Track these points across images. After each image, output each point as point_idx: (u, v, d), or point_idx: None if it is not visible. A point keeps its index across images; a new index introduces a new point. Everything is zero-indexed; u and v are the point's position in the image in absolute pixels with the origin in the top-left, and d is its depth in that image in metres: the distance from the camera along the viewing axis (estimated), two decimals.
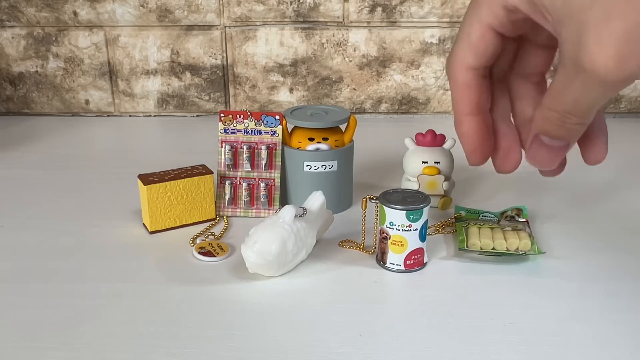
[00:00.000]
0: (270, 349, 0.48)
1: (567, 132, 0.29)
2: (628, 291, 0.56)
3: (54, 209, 0.75)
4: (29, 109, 1.19)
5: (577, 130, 0.29)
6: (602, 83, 0.26)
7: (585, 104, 0.28)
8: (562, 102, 0.28)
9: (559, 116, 0.29)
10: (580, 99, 0.27)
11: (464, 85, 0.32)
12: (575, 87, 0.27)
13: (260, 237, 0.56)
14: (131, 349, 0.48)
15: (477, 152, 0.32)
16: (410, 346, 0.48)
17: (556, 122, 0.29)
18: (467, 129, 0.32)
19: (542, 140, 0.30)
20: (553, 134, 0.30)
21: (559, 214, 0.72)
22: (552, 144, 0.30)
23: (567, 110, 0.28)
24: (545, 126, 0.30)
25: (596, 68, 0.26)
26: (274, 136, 0.72)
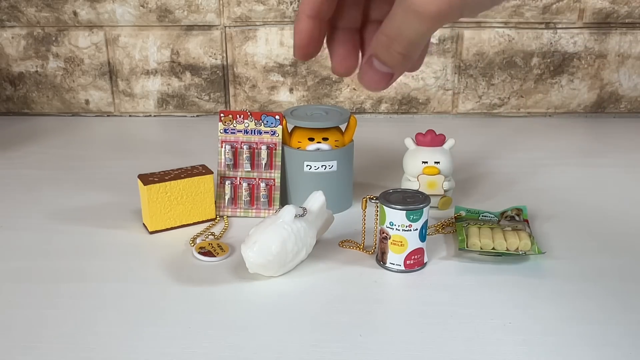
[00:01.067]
0: (270, 349, 0.48)
1: (391, 60, 0.30)
2: (628, 291, 0.56)
3: (54, 209, 0.75)
4: (29, 109, 1.19)
5: (400, 60, 0.30)
6: (419, 14, 0.27)
7: (407, 35, 0.28)
8: (389, 28, 0.29)
9: (386, 41, 0.29)
10: (402, 28, 0.28)
11: None
12: (399, 15, 0.28)
13: (260, 237, 0.56)
14: (131, 349, 0.48)
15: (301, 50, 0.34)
16: (410, 346, 0.48)
17: (384, 47, 0.30)
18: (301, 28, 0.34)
19: (373, 62, 0.31)
20: (380, 58, 0.30)
21: (559, 214, 0.72)
22: (380, 68, 0.31)
23: (393, 37, 0.29)
24: (376, 48, 0.30)
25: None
26: (274, 136, 0.72)
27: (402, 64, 0.30)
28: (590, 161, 0.91)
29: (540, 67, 1.12)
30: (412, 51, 0.29)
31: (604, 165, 0.89)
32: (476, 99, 1.15)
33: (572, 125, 1.11)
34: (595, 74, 1.13)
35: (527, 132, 1.07)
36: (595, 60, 1.12)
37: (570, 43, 1.11)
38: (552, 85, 1.14)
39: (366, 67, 0.32)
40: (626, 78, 1.13)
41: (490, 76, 1.13)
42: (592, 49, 1.11)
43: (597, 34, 1.10)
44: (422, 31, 0.28)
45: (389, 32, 0.29)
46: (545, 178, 0.84)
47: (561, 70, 1.12)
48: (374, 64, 0.31)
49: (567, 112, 1.16)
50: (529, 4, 1.08)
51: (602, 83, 1.13)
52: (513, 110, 1.16)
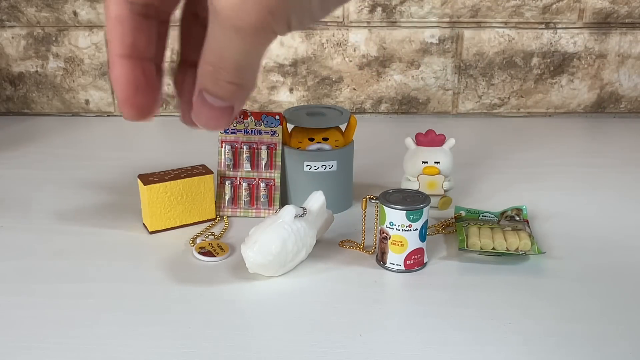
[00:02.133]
0: (270, 349, 0.48)
1: (223, 91, 0.25)
2: (627, 291, 0.56)
3: (53, 209, 0.75)
4: (29, 109, 1.19)
5: (233, 90, 0.25)
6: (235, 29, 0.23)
7: (231, 57, 0.24)
8: (209, 53, 0.24)
9: (212, 70, 0.25)
10: (223, 50, 0.24)
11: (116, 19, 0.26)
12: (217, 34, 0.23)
13: (260, 237, 0.56)
14: (131, 349, 0.48)
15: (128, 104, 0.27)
16: (410, 346, 0.48)
17: (211, 78, 0.25)
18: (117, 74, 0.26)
19: (205, 97, 0.26)
20: (210, 91, 0.25)
21: (559, 214, 0.72)
22: (215, 103, 0.26)
23: (217, 64, 0.24)
24: (203, 82, 0.25)
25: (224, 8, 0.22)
26: (274, 136, 0.72)
27: (237, 94, 0.26)
28: (590, 161, 0.91)
29: (540, 67, 1.12)
30: (245, 76, 0.25)
31: (604, 165, 0.89)
32: (476, 99, 1.15)
33: (572, 125, 1.11)
34: (595, 74, 1.13)
35: (527, 132, 1.07)
36: (595, 60, 1.12)
37: (570, 43, 1.11)
38: (552, 85, 1.14)
39: (198, 104, 0.26)
40: (626, 78, 1.13)
41: (490, 76, 1.13)
42: (592, 49, 1.11)
43: (597, 34, 1.10)
44: (247, 49, 0.24)
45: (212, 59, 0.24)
46: (545, 178, 0.84)
47: (561, 70, 1.12)
48: (207, 100, 0.26)
49: (567, 112, 1.16)
50: (529, 4, 1.08)
51: (602, 83, 1.13)
52: (513, 110, 1.16)
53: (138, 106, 0.27)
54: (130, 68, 0.26)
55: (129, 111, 0.27)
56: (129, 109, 0.27)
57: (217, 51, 0.24)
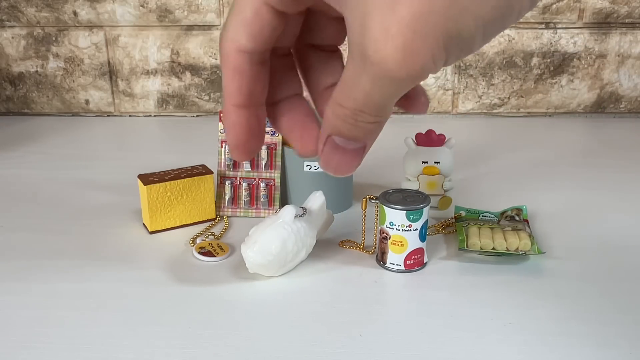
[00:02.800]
0: (270, 349, 0.48)
1: (361, 132, 0.25)
2: (627, 291, 0.56)
3: (53, 209, 0.75)
4: (29, 109, 1.19)
5: (373, 129, 0.25)
6: (393, 77, 0.22)
7: (377, 100, 0.24)
8: (352, 98, 0.24)
9: (350, 113, 0.24)
10: (371, 95, 0.23)
11: (235, 70, 0.26)
12: (365, 81, 0.23)
13: (260, 237, 0.56)
14: (131, 349, 0.48)
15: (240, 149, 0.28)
16: (410, 346, 0.48)
17: (348, 121, 0.25)
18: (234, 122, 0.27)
19: (336, 141, 0.26)
20: (346, 134, 0.25)
21: (559, 214, 0.72)
22: (347, 145, 0.26)
23: (359, 108, 0.24)
24: (337, 125, 0.25)
25: (383, 61, 0.22)
26: (274, 136, 0.72)
27: (375, 132, 0.26)
28: (590, 161, 0.91)
29: (540, 67, 1.12)
30: (386, 114, 0.25)
31: (604, 165, 0.89)
32: (476, 99, 1.15)
33: (572, 125, 1.11)
34: (595, 74, 1.13)
35: (527, 132, 1.07)
36: (595, 60, 1.12)
37: (570, 43, 1.11)
38: (552, 85, 1.14)
39: (329, 150, 0.26)
40: (626, 78, 1.13)
41: (490, 76, 1.13)
42: (592, 49, 1.11)
43: (597, 34, 1.10)
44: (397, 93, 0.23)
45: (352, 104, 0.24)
46: (545, 178, 0.84)
47: (561, 70, 1.12)
48: (339, 143, 0.25)
49: (567, 112, 1.16)
50: None
51: (602, 83, 1.13)
52: (513, 110, 1.16)
53: (249, 150, 0.28)
54: (245, 117, 0.27)
55: (240, 155, 0.28)
56: (241, 154, 0.28)
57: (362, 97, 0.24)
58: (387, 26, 0.21)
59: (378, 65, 0.22)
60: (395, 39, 0.21)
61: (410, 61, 0.21)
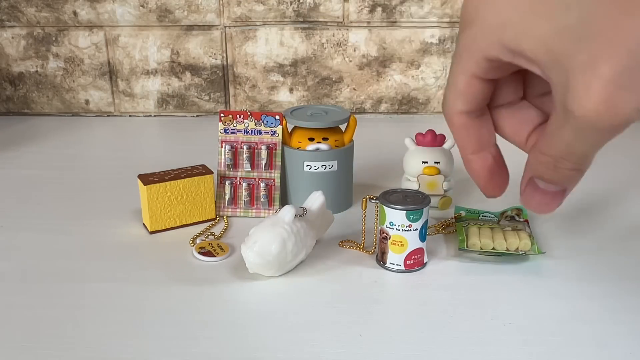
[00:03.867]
0: (270, 349, 0.48)
1: (561, 178, 0.28)
2: (627, 291, 0.56)
3: (53, 209, 0.75)
4: (29, 109, 1.19)
5: (573, 176, 0.28)
6: (595, 129, 0.25)
7: (579, 150, 0.27)
8: (554, 147, 0.27)
9: (552, 161, 0.27)
10: (572, 145, 0.26)
11: (460, 127, 0.31)
12: (567, 132, 0.26)
13: (260, 237, 0.56)
14: (131, 349, 0.48)
15: (489, 186, 0.32)
16: (410, 346, 0.48)
17: (549, 167, 0.28)
18: (475, 168, 0.32)
19: (537, 183, 0.29)
20: (547, 179, 0.28)
21: (559, 214, 0.72)
22: (547, 188, 0.29)
23: (560, 156, 0.27)
24: (538, 170, 0.28)
25: (587, 114, 0.24)
26: (274, 136, 0.72)
27: (575, 178, 0.28)
28: None
29: None
30: (586, 163, 0.27)
31: (604, 165, 0.89)
32: None
33: None
34: None
35: None
36: None
37: None
38: None
39: (530, 191, 0.29)
40: None
41: None
42: None
43: None
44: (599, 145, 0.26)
45: (554, 152, 0.27)
46: None
47: None
48: (540, 185, 0.29)
49: None
50: None
51: None
52: None
53: (497, 186, 0.32)
54: (482, 161, 0.31)
55: (491, 193, 0.33)
56: (491, 191, 0.32)
57: (564, 147, 0.26)
58: (590, 84, 0.24)
59: (581, 118, 0.24)
60: (598, 94, 0.24)
61: (613, 111, 0.24)
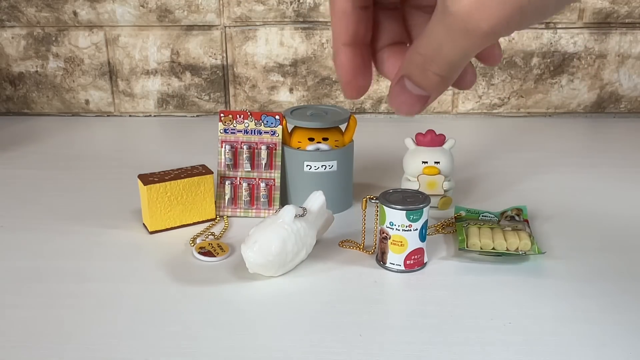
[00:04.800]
0: (270, 349, 0.48)
1: (426, 81, 0.27)
2: (627, 291, 0.56)
3: (54, 209, 0.75)
4: (29, 109, 1.19)
5: (437, 82, 0.26)
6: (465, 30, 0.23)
7: (448, 53, 0.25)
8: (426, 46, 0.25)
9: (422, 60, 0.26)
10: (443, 46, 0.25)
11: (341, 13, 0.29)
12: (440, 31, 0.24)
13: (261, 237, 0.56)
14: (131, 349, 0.48)
15: (351, 85, 0.30)
16: (410, 346, 0.48)
17: (418, 67, 0.26)
18: (343, 60, 0.30)
19: (405, 83, 0.27)
20: (414, 79, 0.27)
21: (559, 214, 0.72)
22: (413, 90, 0.27)
23: (430, 56, 0.25)
24: (409, 69, 0.27)
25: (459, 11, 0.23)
26: (274, 136, 0.72)
27: (439, 86, 0.27)
28: (590, 161, 0.91)
29: (540, 67, 1.12)
30: (452, 72, 0.26)
31: (604, 165, 0.89)
32: (476, 99, 1.15)
33: (572, 125, 1.11)
34: (595, 74, 1.13)
35: (527, 132, 1.07)
36: (595, 60, 1.12)
37: (570, 43, 1.11)
38: (552, 85, 1.14)
39: (397, 89, 0.28)
40: (626, 78, 1.13)
41: (490, 76, 1.13)
42: (592, 49, 1.11)
43: (597, 34, 1.10)
44: (467, 51, 0.25)
45: (426, 51, 0.25)
46: (545, 178, 0.84)
47: (561, 70, 1.12)
48: (407, 86, 0.27)
49: (567, 112, 1.16)
50: None
51: (602, 83, 1.13)
52: (513, 110, 1.16)
53: (358, 87, 0.31)
54: (352, 55, 0.30)
55: (351, 92, 0.31)
56: (351, 90, 0.31)
57: (435, 46, 0.25)
58: None
59: (453, 16, 0.23)
60: None
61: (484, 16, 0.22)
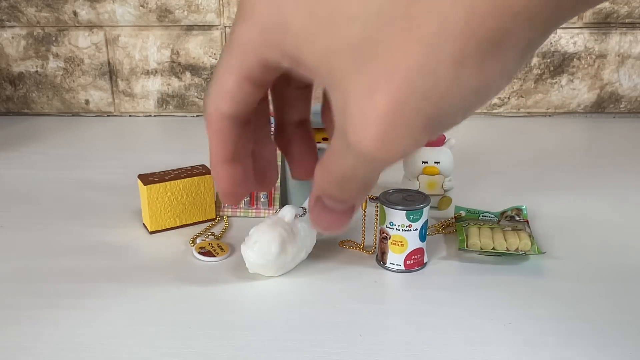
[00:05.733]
0: (270, 349, 0.48)
1: (348, 196, 0.26)
2: (627, 291, 0.56)
3: (53, 209, 0.75)
4: (29, 109, 1.19)
5: (360, 193, 0.26)
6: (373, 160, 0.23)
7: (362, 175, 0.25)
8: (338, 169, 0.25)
9: (338, 180, 0.25)
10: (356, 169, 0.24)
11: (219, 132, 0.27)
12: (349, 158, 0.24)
13: (261, 237, 0.56)
14: (131, 349, 0.48)
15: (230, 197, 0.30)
16: (410, 346, 0.48)
17: (335, 187, 0.26)
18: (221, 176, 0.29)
19: (325, 202, 0.27)
20: (334, 197, 0.26)
21: (559, 214, 0.72)
22: (336, 207, 0.27)
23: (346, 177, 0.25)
24: (325, 188, 0.26)
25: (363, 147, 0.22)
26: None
27: (362, 195, 0.26)
28: (590, 161, 0.91)
29: (540, 67, 1.12)
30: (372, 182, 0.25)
31: (604, 165, 0.89)
32: None
33: (572, 125, 1.11)
34: (595, 74, 1.13)
35: (527, 132, 1.07)
36: (595, 60, 1.12)
37: (570, 43, 1.11)
38: (552, 85, 1.14)
39: (319, 211, 0.27)
40: (626, 78, 1.13)
41: None
42: (592, 49, 1.11)
43: (597, 34, 1.10)
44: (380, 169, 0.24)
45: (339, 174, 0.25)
46: (545, 178, 0.84)
47: (561, 70, 1.13)
48: (327, 204, 0.27)
49: (567, 112, 1.16)
50: None
51: (602, 83, 1.13)
52: (513, 110, 1.16)
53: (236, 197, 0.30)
54: (231, 171, 0.29)
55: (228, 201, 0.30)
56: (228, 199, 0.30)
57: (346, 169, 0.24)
58: (366, 115, 0.21)
59: (359, 150, 0.22)
60: (374, 127, 0.21)
61: (390, 147, 0.22)
